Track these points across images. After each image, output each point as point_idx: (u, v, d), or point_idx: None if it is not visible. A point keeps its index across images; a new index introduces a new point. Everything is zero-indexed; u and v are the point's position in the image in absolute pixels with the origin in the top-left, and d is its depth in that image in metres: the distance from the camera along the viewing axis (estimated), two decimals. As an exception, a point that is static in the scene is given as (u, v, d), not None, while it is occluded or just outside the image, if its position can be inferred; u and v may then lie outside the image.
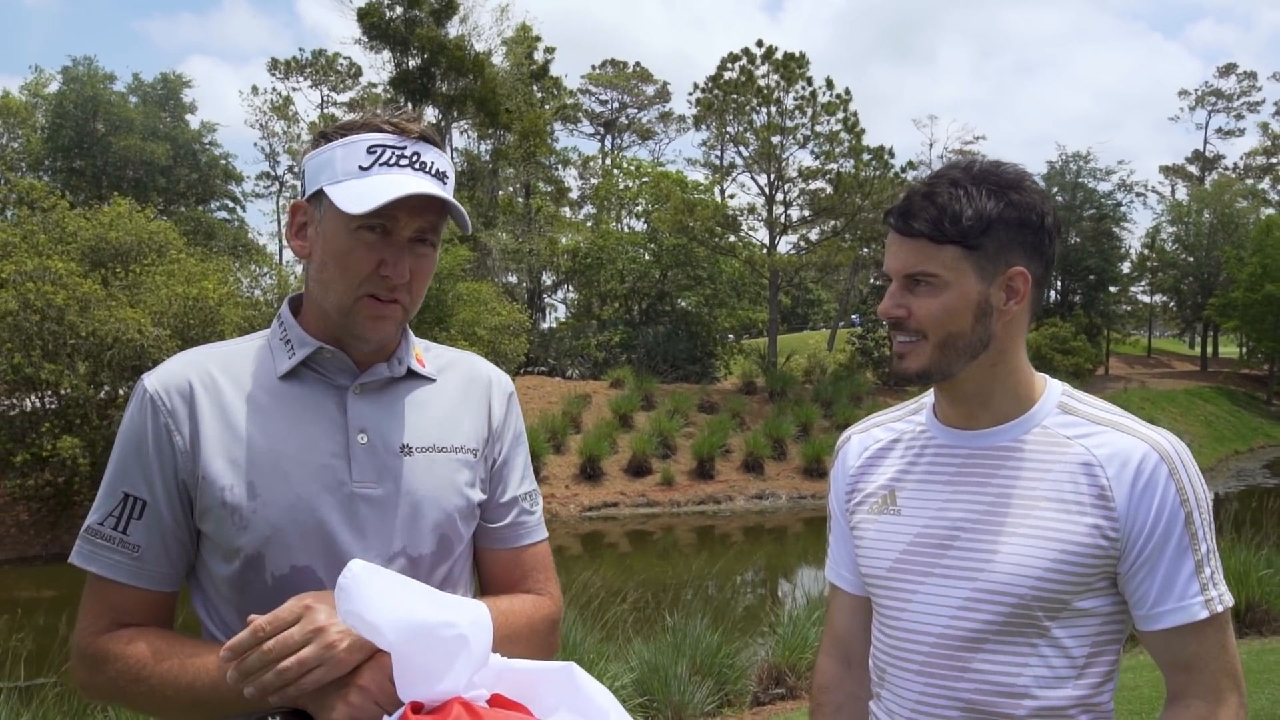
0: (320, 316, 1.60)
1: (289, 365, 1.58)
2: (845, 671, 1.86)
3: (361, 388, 1.60)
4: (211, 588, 1.56)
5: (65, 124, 39.39)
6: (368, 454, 1.56)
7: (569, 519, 21.18)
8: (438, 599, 1.35)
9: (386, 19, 33.13)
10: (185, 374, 1.56)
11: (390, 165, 1.52)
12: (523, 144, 35.58)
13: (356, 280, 1.53)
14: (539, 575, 1.73)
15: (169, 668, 1.46)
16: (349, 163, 1.52)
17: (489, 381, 1.75)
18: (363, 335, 1.56)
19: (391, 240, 1.53)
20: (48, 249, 18.57)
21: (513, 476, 1.73)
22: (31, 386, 17.29)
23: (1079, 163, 45.18)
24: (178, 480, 1.53)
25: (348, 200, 1.48)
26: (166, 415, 1.53)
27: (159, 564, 1.53)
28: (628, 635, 7.74)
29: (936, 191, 1.56)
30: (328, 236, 1.54)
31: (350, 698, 1.34)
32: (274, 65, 49.86)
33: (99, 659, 1.51)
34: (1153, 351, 53.26)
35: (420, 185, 1.51)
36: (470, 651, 1.30)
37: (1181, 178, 63.11)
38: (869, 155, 31.77)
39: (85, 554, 1.53)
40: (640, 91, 59.76)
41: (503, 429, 1.73)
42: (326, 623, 1.34)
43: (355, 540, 1.51)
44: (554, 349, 35.25)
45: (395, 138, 1.54)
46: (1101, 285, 44.72)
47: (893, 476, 1.72)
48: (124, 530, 1.51)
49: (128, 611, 1.53)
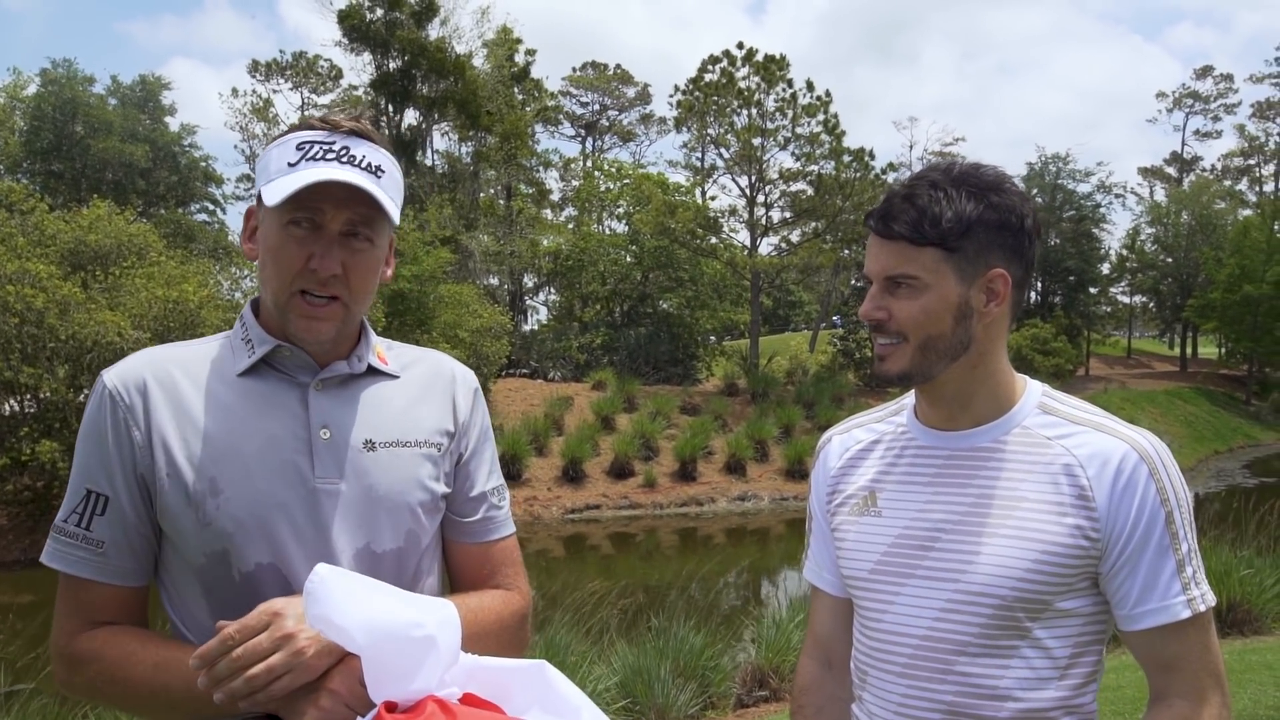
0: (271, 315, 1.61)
1: (248, 363, 1.59)
2: (826, 673, 1.85)
3: (323, 383, 1.60)
4: (178, 586, 1.56)
5: (44, 126, 39.06)
6: (330, 449, 1.56)
7: (551, 521, 21.15)
8: (405, 599, 1.36)
9: (367, 21, 33.02)
10: (143, 371, 1.57)
11: (316, 160, 1.53)
12: (504, 146, 35.53)
13: (289, 275, 1.53)
14: (508, 570, 1.74)
15: (143, 671, 1.47)
16: (280, 161, 1.54)
17: (453, 377, 1.76)
18: (298, 335, 1.57)
19: (321, 234, 1.54)
20: (26, 252, 18.41)
21: (480, 471, 1.74)
22: (10, 390, 17.07)
23: (1058, 164, 45.50)
24: (137, 475, 1.53)
25: (270, 195, 1.50)
26: (125, 410, 1.53)
27: (123, 559, 1.54)
28: (612, 638, 7.70)
29: (916, 194, 1.56)
30: (264, 235, 1.57)
31: (321, 701, 1.35)
32: (254, 67, 49.52)
33: (76, 660, 1.52)
34: (1133, 352, 53.68)
35: (337, 174, 1.51)
36: (439, 651, 1.31)
37: (1160, 179, 63.61)
38: (849, 157, 31.93)
39: (52, 552, 1.55)
40: (621, 93, 59.74)
41: (469, 424, 1.74)
42: (294, 629, 1.35)
43: (319, 535, 1.51)
44: (536, 351, 35.21)
45: (324, 133, 1.56)
46: (1081, 286, 45.05)
47: (873, 478, 1.72)
48: (87, 526, 1.53)
49: (98, 608, 1.54)
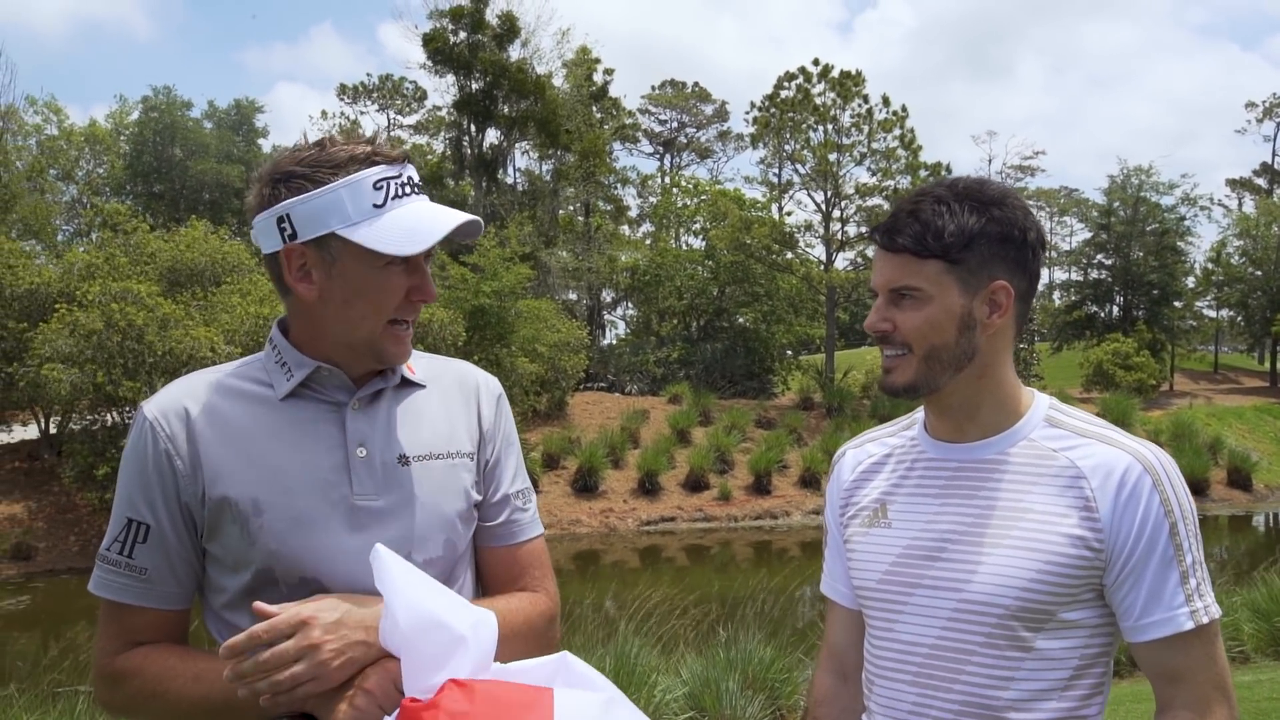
0: (323, 342, 1.61)
1: (288, 387, 1.61)
2: (841, 685, 1.86)
3: (359, 402, 1.63)
4: (223, 603, 1.59)
5: (145, 150, 40.81)
6: (367, 467, 1.59)
7: (627, 533, 21.30)
8: (452, 597, 1.42)
9: (451, 44, 33.73)
10: (183, 399, 1.60)
11: (400, 198, 1.56)
12: (582, 164, 35.91)
13: (389, 312, 1.57)
14: (535, 571, 1.77)
15: (184, 682, 1.51)
16: (360, 202, 1.53)
17: (477, 385, 1.78)
18: (389, 359, 1.62)
19: (414, 266, 1.58)
20: (127, 270, 19.27)
21: (504, 476, 1.76)
22: (111, 403, 17.81)
23: (1141, 176, 44.43)
24: (180, 503, 1.56)
25: (387, 243, 1.52)
26: (166, 440, 1.56)
27: (166, 584, 1.58)
28: (682, 650, 7.71)
29: (920, 208, 1.59)
30: (352, 277, 1.55)
31: (356, 700, 1.39)
32: (342, 90, 51.06)
33: (116, 678, 1.56)
34: (1220, 367, 51.95)
35: (448, 215, 1.57)
36: (472, 652, 1.35)
37: (1249, 190, 61.43)
38: (926, 171, 31.63)
39: (97, 581, 1.58)
40: (699, 111, 59.93)
41: (493, 431, 1.76)
42: (320, 639, 1.39)
43: (361, 551, 1.51)
44: (613, 365, 35.46)
45: (390, 167, 1.57)
46: (1165, 300, 43.78)
47: (885, 490, 1.73)
48: (129, 554, 1.56)
49: (140, 631, 1.58)
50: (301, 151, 1.58)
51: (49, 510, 18.98)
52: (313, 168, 1.54)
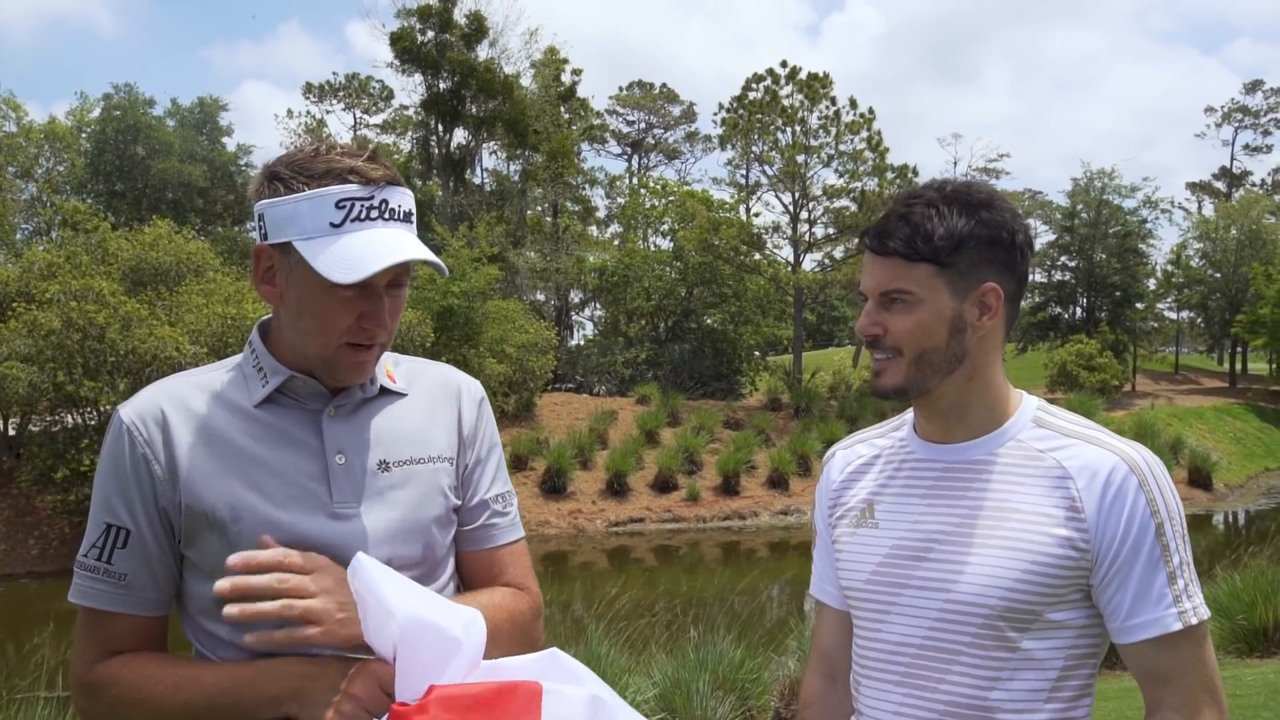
0: (295, 352, 1.59)
1: (263, 394, 1.58)
2: (830, 687, 1.86)
3: (336, 409, 1.61)
4: (201, 612, 1.57)
5: (106, 148, 40.20)
6: (346, 474, 1.57)
7: (595, 534, 21.31)
8: (437, 599, 1.42)
9: (418, 43, 33.59)
10: (159, 403, 1.56)
11: (361, 221, 1.50)
12: (550, 164, 35.87)
13: (337, 334, 1.53)
14: (516, 571, 1.76)
15: (163, 690, 1.49)
16: (318, 218, 1.49)
17: (459, 389, 1.76)
18: (344, 380, 1.59)
19: (369, 292, 1.53)
20: (90, 269, 19.01)
21: (484, 480, 1.75)
22: (72, 404, 17.60)
23: (1104, 179, 45.02)
24: (159, 508, 1.53)
25: (330, 267, 1.46)
26: (144, 445, 1.53)
27: (146, 590, 1.55)
28: (652, 650, 7.73)
29: (910, 211, 1.59)
30: (303, 291, 1.53)
31: (342, 707, 1.38)
32: (308, 89, 50.59)
33: (96, 687, 1.54)
34: (1180, 368, 52.73)
35: (399, 249, 1.50)
36: (464, 652, 1.36)
37: (1208, 194, 62.51)
38: (893, 173, 31.90)
39: (77, 589, 1.56)
40: (666, 112, 60.00)
41: (474, 435, 1.75)
42: (335, 586, 1.44)
43: (340, 558, 1.50)
44: (581, 366, 35.43)
45: (361, 188, 1.50)
46: (1127, 302, 44.41)
47: (873, 491, 1.74)
48: (109, 560, 1.53)
49: (119, 638, 1.55)
50: (296, 153, 1.55)
51: (7, 514, 18.63)
52: (294, 172, 1.51)
